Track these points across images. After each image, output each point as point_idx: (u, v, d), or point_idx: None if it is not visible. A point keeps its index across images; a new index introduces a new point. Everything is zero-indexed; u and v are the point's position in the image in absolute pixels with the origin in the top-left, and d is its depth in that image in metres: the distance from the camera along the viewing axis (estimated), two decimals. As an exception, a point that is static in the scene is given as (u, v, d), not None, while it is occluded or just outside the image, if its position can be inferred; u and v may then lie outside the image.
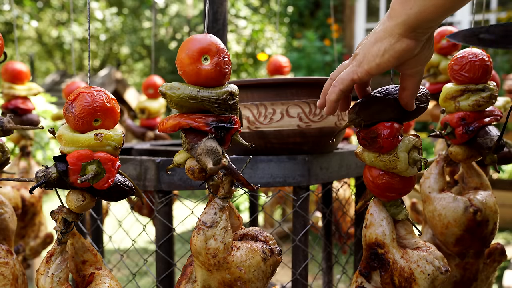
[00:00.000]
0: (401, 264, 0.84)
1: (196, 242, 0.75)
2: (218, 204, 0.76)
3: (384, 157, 0.83)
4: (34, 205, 1.57)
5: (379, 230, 0.87)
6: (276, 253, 0.80)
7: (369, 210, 0.90)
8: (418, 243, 0.88)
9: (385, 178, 0.84)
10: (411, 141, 0.82)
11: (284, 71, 2.16)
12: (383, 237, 0.86)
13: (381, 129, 0.81)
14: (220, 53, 0.73)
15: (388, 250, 0.86)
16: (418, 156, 0.82)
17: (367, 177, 0.87)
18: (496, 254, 1.09)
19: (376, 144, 0.82)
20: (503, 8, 6.53)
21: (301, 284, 1.17)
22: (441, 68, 1.41)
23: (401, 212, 0.88)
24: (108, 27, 10.34)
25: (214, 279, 0.76)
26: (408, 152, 0.82)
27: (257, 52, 6.75)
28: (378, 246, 0.87)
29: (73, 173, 0.70)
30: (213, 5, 1.39)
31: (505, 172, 4.28)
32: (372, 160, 0.84)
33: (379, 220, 0.87)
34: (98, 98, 0.70)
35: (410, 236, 0.89)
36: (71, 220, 0.76)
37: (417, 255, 0.85)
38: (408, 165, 0.81)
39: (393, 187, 0.84)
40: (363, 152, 0.86)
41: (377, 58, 0.71)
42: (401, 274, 0.84)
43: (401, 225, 0.89)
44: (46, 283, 0.74)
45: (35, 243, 1.60)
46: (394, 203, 0.88)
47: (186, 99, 0.73)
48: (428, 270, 0.83)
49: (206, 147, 0.71)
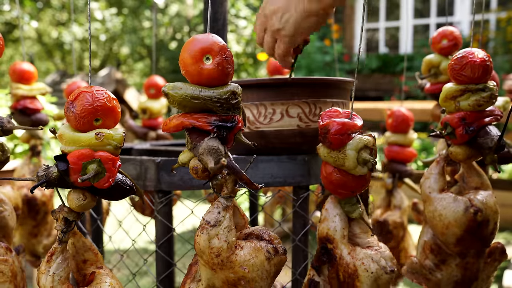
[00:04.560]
0: (347, 260, 0.86)
1: (199, 241, 0.75)
2: (221, 203, 0.76)
3: (334, 153, 0.84)
4: (45, 204, 1.59)
5: (331, 225, 0.89)
6: (281, 253, 0.80)
7: (325, 205, 0.92)
8: (371, 243, 0.90)
9: (338, 174, 0.86)
10: (362, 140, 0.83)
11: (284, 71, 2.16)
12: (334, 233, 0.89)
13: (332, 125, 0.83)
14: (222, 53, 0.73)
15: (336, 245, 0.88)
16: (368, 156, 0.82)
17: (322, 172, 0.89)
18: (496, 253, 1.09)
19: (326, 140, 0.84)
20: (503, 8, 6.53)
21: (301, 284, 1.17)
22: (442, 68, 1.41)
23: (355, 210, 0.89)
24: (108, 27, 10.34)
25: (218, 278, 0.76)
26: (358, 151, 0.82)
27: (257, 52, 6.75)
28: (328, 241, 0.89)
29: (74, 172, 0.70)
30: (213, 5, 1.39)
31: (505, 172, 4.28)
32: (324, 156, 0.86)
33: (332, 216, 0.90)
34: (99, 98, 0.70)
35: (364, 235, 0.91)
36: (72, 219, 0.76)
37: (363, 253, 0.86)
38: (356, 163, 0.82)
39: (346, 184, 0.86)
40: (320, 147, 0.88)
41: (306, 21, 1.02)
42: (346, 270, 0.86)
43: (356, 223, 0.91)
44: (47, 282, 0.75)
45: (48, 241, 1.62)
46: (349, 201, 0.89)
47: (189, 99, 0.73)
48: (372, 268, 0.85)
49: (208, 147, 0.71)
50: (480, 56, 0.98)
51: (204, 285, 0.78)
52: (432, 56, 1.43)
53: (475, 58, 0.98)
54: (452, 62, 1.01)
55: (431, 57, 1.43)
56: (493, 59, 4.94)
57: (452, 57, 1.02)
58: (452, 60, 1.01)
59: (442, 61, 1.41)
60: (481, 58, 0.98)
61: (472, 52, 0.99)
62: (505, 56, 5.65)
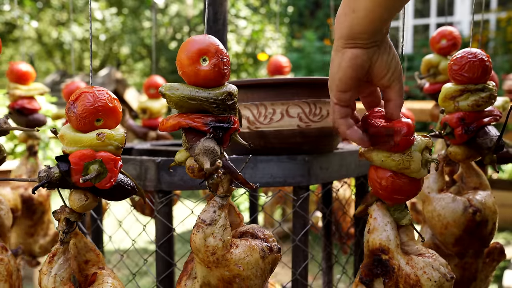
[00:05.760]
0: (406, 270, 0.81)
1: (195, 239, 0.76)
2: (217, 202, 0.77)
3: (397, 157, 0.79)
4: (42, 203, 1.59)
5: (383, 235, 0.83)
6: (275, 251, 0.80)
7: (372, 214, 0.86)
8: (420, 250, 0.85)
9: (394, 179, 0.80)
10: (424, 141, 0.80)
11: (284, 71, 2.17)
12: (388, 243, 0.83)
13: (401, 127, 0.78)
14: (219, 54, 0.73)
15: (392, 256, 0.82)
16: (430, 157, 0.80)
17: (373, 178, 0.83)
18: (495, 253, 1.10)
19: (392, 142, 0.79)
20: (503, 8, 6.54)
21: (301, 284, 1.17)
22: (441, 68, 1.41)
23: (405, 217, 0.84)
24: (108, 27, 10.34)
25: (214, 275, 0.77)
26: (421, 152, 0.79)
27: (257, 52, 6.75)
28: (383, 252, 0.83)
29: (76, 173, 0.70)
30: (213, 5, 1.40)
31: (504, 172, 4.29)
32: (382, 160, 0.80)
33: (383, 224, 0.84)
34: (100, 98, 0.71)
35: (411, 243, 0.86)
36: (74, 220, 0.76)
37: (423, 262, 0.82)
38: (421, 165, 0.79)
39: (402, 189, 0.81)
40: (370, 152, 0.82)
41: (337, 74, 0.77)
42: (407, 281, 0.81)
43: (403, 230, 0.86)
44: (48, 283, 0.75)
45: (44, 241, 1.62)
46: (398, 207, 0.85)
47: (185, 100, 0.73)
48: (435, 277, 0.80)
49: (204, 147, 0.72)
50: (480, 56, 0.98)
51: (199, 282, 0.79)
52: (431, 56, 1.44)
53: (474, 58, 0.98)
54: (451, 62, 1.01)
55: (430, 57, 1.44)
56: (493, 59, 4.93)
57: (452, 57, 1.02)
58: (451, 60, 1.01)
59: (441, 61, 1.42)
60: (480, 58, 0.98)
61: (472, 52, 0.99)
62: (505, 56, 5.65)
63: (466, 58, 0.99)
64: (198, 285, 0.79)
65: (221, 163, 0.71)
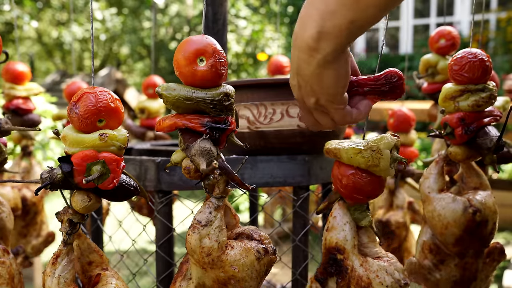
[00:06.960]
0: (359, 272, 0.80)
1: (191, 240, 0.75)
2: (213, 203, 0.77)
3: (367, 153, 0.78)
4: (35, 204, 1.58)
5: (341, 234, 0.83)
6: (271, 253, 0.80)
7: (332, 212, 0.85)
8: (379, 253, 0.84)
9: (355, 178, 0.80)
10: (393, 139, 0.79)
11: (284, 71, 2.17)
12: (344, 243, 0.82)
13: (394, 71, 0.76)
14: (216, 55, 0.73)
15: (347, 256, 0.82)
16: (399, 156, 0.79)
17: (335, 176, 0.82)
18: (495, 253, 1.10)
19: (398, 87, 0.76)
20: (503, 8, 6.54)
21: (301, 284, 1.17)
22: (439, 68, 1.41)
23: (365, 218, 0.83)
24: (108, 27, 10.35)
25: (209, 277, 0.77)
26: (391, 150, 0.79)
27: (257, 52, 6.75)
28: (338, 251, 0.82)
29: (78, 173, 0.70)
30: (213, 5, 1.40)
31: (504, 172, 4.29)
32: (351, 157, 0.79)
33: (342, 224, 0.83)
34: (102, 99, 0.71)
35: (372, 245, 0.85)
36: (77, 221, 0.76)
37: (377, 265, 0.81)
38: (389, 163, 0.79)
39: (362, 188, 0.80)
40: (339, 148, 0.81)
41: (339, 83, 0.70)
42: (358, 283, 0.80)
43: (364, 232, 0.85)
44: (52, 284, 0.75)
45: (37, 242, 1.61)
46: (359, 208, 0.84)
47: (182, 100, 0.73)
48: (387, 281, 0.79)
49: (200, 148, 0.72)
50: (480, 56, 0.98)
51: (194, 283, 0.79)
52: (429, 56, 1.44)
53: (474, 59, 0.98)
54: (451, 62, 1.01)
55: (429, 56, 1.44)
56: (493, 59, 4.94)
57: (452, 57, 1.02)
58: (451, 60, 1.01)
59: (440, 61, 1.42)
60: (480, 58, 0.98)
61: (472, 52, 0.99)
62: (505, 56, 5.66)
63: (466, 59, 0.99)
64: (193, 286, 0.79)
65: (217, 164, 0.72)
